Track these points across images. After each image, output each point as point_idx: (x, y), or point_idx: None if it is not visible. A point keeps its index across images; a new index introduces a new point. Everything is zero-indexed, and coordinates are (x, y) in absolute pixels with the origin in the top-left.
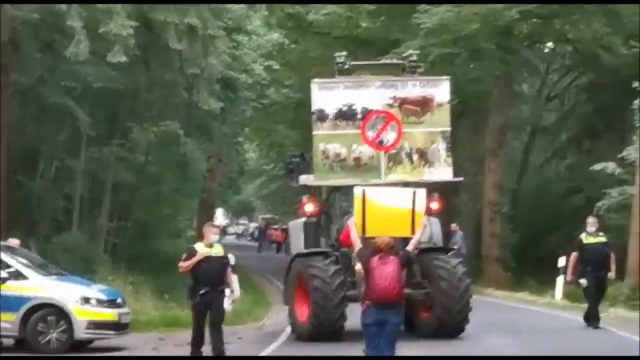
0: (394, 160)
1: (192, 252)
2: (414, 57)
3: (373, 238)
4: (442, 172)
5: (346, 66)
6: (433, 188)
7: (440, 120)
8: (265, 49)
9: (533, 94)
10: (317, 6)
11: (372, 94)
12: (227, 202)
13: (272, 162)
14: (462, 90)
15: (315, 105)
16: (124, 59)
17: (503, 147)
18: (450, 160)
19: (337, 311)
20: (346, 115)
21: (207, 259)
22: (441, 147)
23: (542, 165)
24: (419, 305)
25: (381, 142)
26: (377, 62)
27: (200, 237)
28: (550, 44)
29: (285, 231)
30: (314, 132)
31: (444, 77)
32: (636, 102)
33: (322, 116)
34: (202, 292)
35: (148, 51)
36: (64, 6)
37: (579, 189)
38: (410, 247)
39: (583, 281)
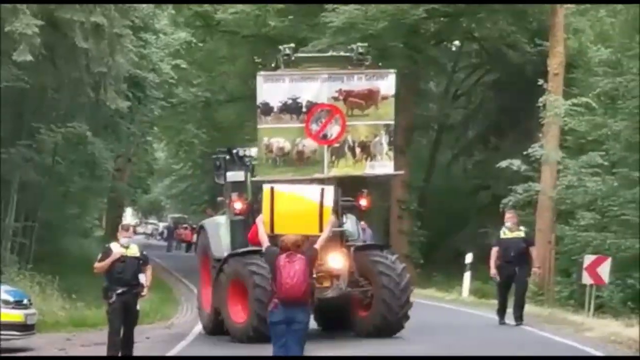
0: (337, 154)
1: (108, 252)
2: (362, 50)
3: (281, 236)
4: (384, 165)
5: (292, 58)
6: (364, 184)
7: (385, 114)
8: (173, 48)
9: (440, 92)
10: (226, 5)
11: (318, 87)
12: (136, 201)
13: (181, 161)
14: None
15: (260, 98)
16: (29, 58)
17: (410, 145)
18: (391, 154)
19: None
20: (291, 108)
21: (122, 259)
22: (384, 140)
23: (449, 163)
24: (356, 304)
25: (325, 135)
26: (325, 54)
27: (114, 237)
28: (457, 42)
29: (198, 230)
30: (258, 126)
31: (391, 70)
32: (541, 99)
33: (266, 109)
34: (119, 292)
35: (54, 50)
36: None
37: (486, 186)
38: (317, 245)
39: (494, 273)
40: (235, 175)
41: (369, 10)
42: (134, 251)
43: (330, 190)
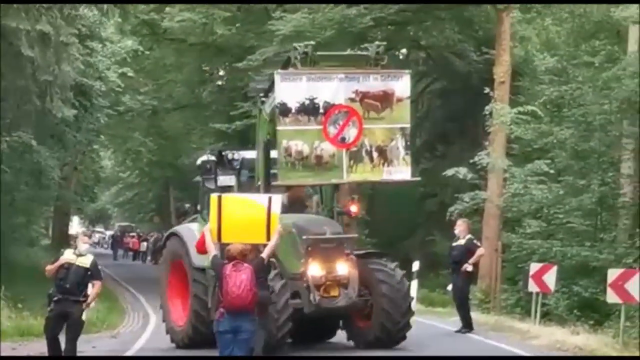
0: (355, 158)
1: (57, 257)
2: (381, 49)
3: (228, 244)
4: (401, 171)
5: (309, 57)
6: (354, 190)
7: (400, 117)
8: (119, 56)
9: None
10: (172, 13)
11: (335, 87)
12: (83, 209)
13: (128, 169)
14: None
15: (278, 98)
16: None
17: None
18: (408, 159)
19: (281, 316)
20: (308, 109)
21: (68, 266)
22: (400, 144)
23: None
24: (355, 314)
25: (343, 139)
26: (342, 53)
27: (62, 245)
28: (404, 51)
29: (166, 237)
30: (277, 128)
31: (405, 70)
32: (487, 107)
33: (284, 110)
34: (55, 299)
35: (0, 58)
36: None
37: (433, 193)
38: (265, 254)
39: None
40: (226, 180)
41: (316, 18)
42: (84, 261)
43: (277, 199)
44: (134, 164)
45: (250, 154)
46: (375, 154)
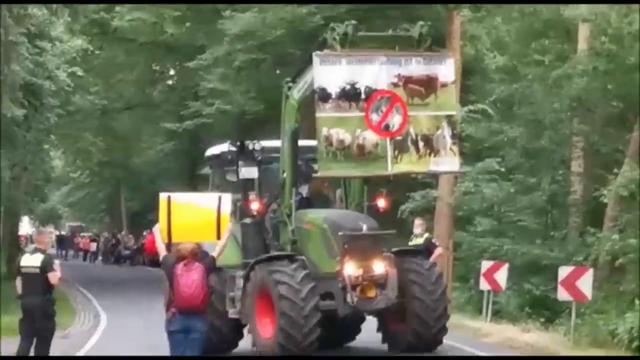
0: (400, 148)
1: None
2: (425, 29)
3: (178, 244)
4: (449, 162)
5: (349, 38)
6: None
7: (444, 103)
8: (69, 55)
9: None
10: (122, 12)
11: (377, 71)
12: (33, 210)
13: (78, 169)
14: (267, 96)
15: (317, 82)
16: None
17: None
18: (456, 148)
19: (308, 323)
20: (349, 95)
21: (24, 268)
22: (447, 133)
23: None
24: (388, 317)
25: (387, 126)
26: (384, 34)
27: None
28: None
29: (108, 239)
30: (317, 114)
31: (449, 52)
32: None
33: (324, 96)
34: (21, 300)
35: None
36: None
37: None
38: (215, 253)
39: None
40: (249, 172)
41: (266, 17)
42: (34, 261)
43: (227, 198)
44: (84, 163)
45: (270, 144)
46: (421, 143)
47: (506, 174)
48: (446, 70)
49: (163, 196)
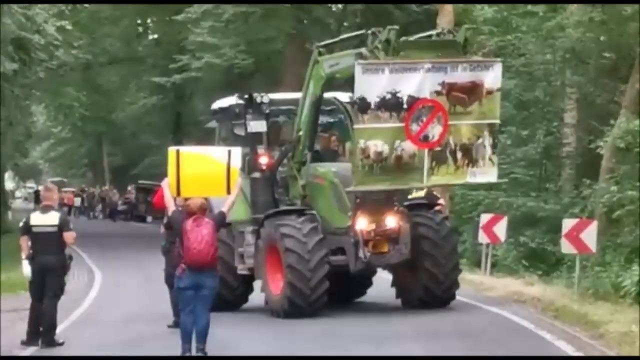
0: (437, 159)
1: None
2: (469, 33)
3: (188, 199)
4: (486, 172)
5: (392, 44)
6: None
7: (489, 111)
8: (57, 9)
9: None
10: None
11: (420, 79)
12: (17, 165)
13: (60, 124)
14: (256, 49)
15: (358, 91)
16: None
17: None
18: (495, 158)
19: (315, 276)
20: (390, 104)
21: (36, 227)
22: (487, 142)
23: None
24: (400, 271)
25: (426, 137)
26: (429, 39)
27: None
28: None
29: (92, 195)
30: (355, 126)
31: (497, 59)
32: None
33: (363, 106)
34: (33, 260)
35: None
36: None
37: None
38: (225, 208)
39: None
40: (257, 125)
41: None
42: (48, 218)
43: (237, 152)
44: (66, 118)
45: (278, 97)
46: (459, 154)
47: (499, 126)
48: (493, 76)
49: (172, 150)
